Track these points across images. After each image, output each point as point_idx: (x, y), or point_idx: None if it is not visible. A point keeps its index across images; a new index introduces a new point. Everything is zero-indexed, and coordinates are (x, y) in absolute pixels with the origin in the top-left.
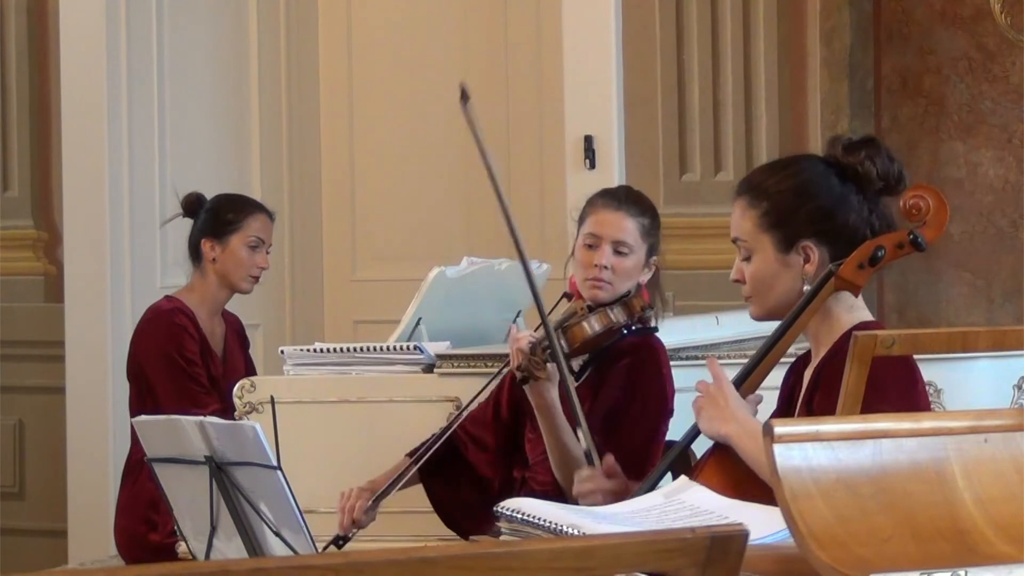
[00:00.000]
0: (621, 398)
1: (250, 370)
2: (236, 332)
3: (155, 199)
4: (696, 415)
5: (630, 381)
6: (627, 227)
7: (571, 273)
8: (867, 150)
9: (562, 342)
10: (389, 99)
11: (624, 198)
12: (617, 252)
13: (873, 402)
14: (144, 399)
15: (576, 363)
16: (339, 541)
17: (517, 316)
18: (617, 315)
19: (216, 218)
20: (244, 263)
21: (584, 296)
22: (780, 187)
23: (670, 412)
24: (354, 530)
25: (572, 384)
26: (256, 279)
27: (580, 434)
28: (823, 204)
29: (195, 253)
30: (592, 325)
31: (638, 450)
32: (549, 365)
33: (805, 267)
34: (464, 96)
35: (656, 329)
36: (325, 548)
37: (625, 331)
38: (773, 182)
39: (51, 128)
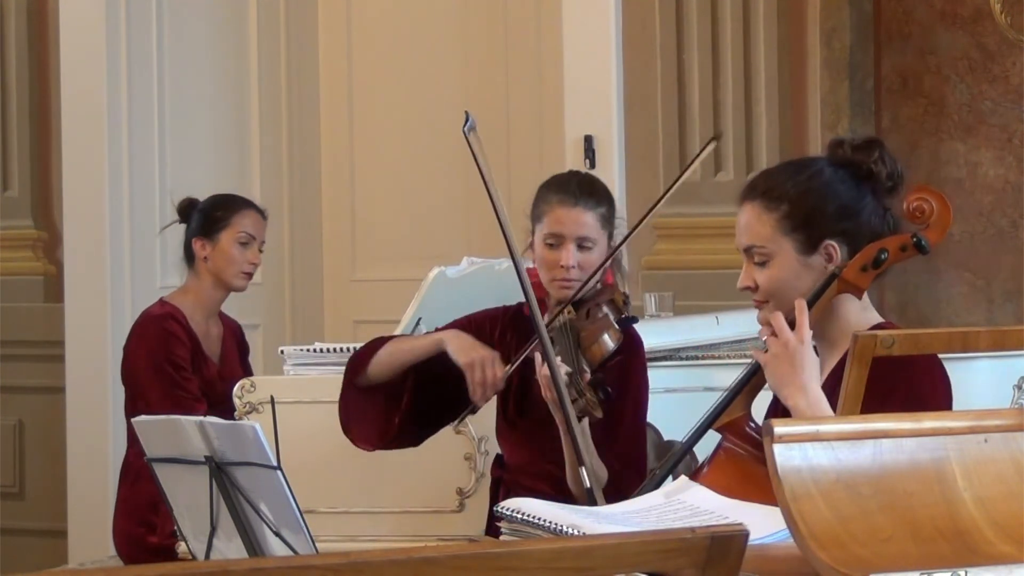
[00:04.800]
0: (617, 397)
1: (248, 375)
2: (235, 336)
3: (155, 199)
4: (764, 365)
5: (623, 378)
6: (587, 222)
7: (529, 265)
8: (877, 150)
9: (583, 364)
10: (389, 99)
11: (578, 191)
12: (581, 247)
13: (910, 397)
14: (136, 403)
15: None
16: (475, 411)
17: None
18: (615, 326)
19: (206, 217)
20: (235, 259)
21: (552, 295)
22: (800, 188)
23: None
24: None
25: (575, 423)
26: (249, 276)
27: (584, 473)
28: (846, 202)
29: (188, 254)
30: (607, 343)
31: (634, 445)
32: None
33: (828, 266)
34: (469, 124)
35: (636, 319)
36: (459, 420)
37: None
38: (791, 184)
39: (51, 128)
